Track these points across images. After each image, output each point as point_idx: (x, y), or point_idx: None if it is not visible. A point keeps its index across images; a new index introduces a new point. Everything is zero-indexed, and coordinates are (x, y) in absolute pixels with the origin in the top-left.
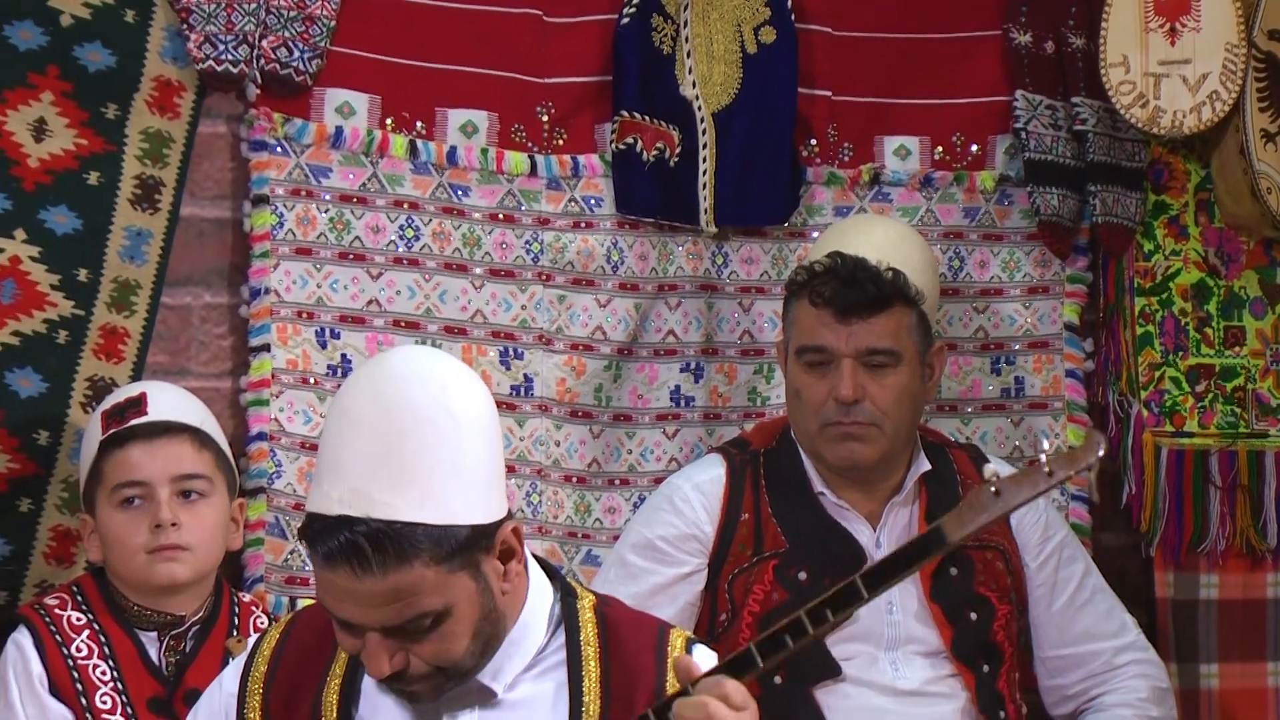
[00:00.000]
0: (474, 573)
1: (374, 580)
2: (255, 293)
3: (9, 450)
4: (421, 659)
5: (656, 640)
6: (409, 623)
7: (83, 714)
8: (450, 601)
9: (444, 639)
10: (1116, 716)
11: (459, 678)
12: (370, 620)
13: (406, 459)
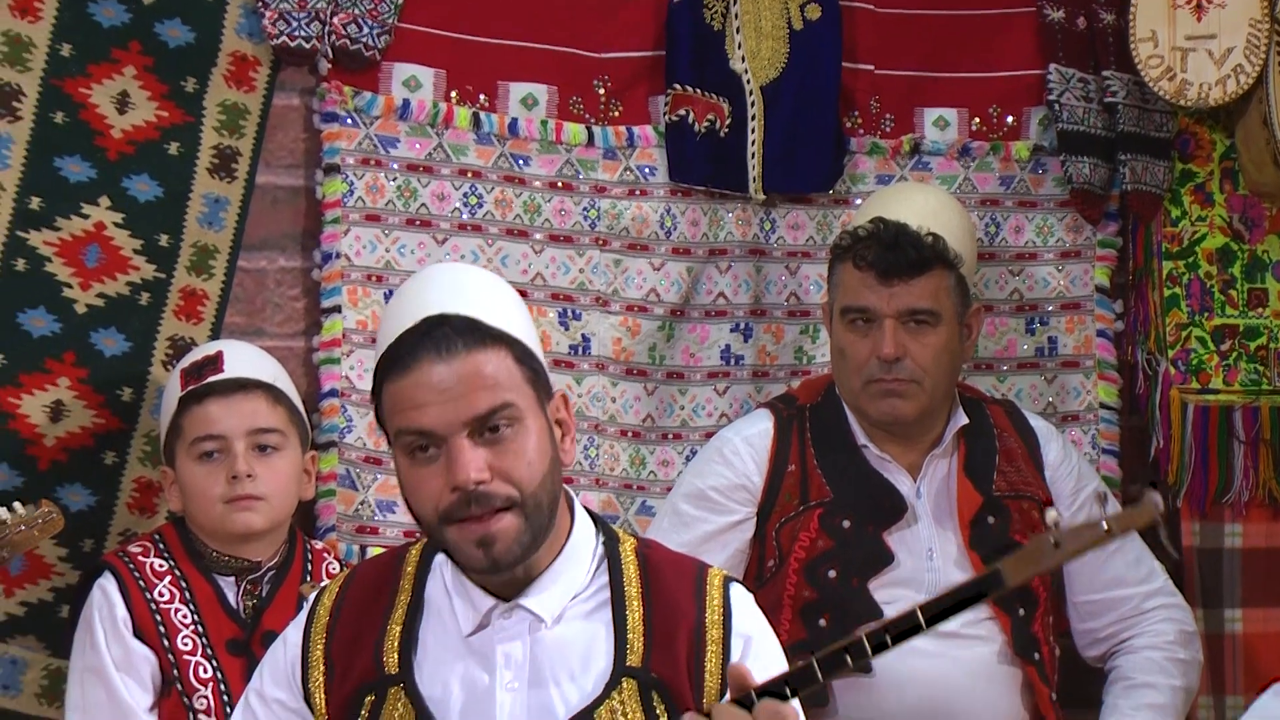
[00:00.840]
0: (542, 406)
1: (458, 361)
2: (327, 257)
3: (94, 406)
4: (502, 475)
5: (695, 579)
6: (490, 414)
7: (165, 655)
8: (526, 408)
9: (522, 454)
10: (1145, 658)
11: (530, 536)
12: (454, 416)
13: (482, 291)
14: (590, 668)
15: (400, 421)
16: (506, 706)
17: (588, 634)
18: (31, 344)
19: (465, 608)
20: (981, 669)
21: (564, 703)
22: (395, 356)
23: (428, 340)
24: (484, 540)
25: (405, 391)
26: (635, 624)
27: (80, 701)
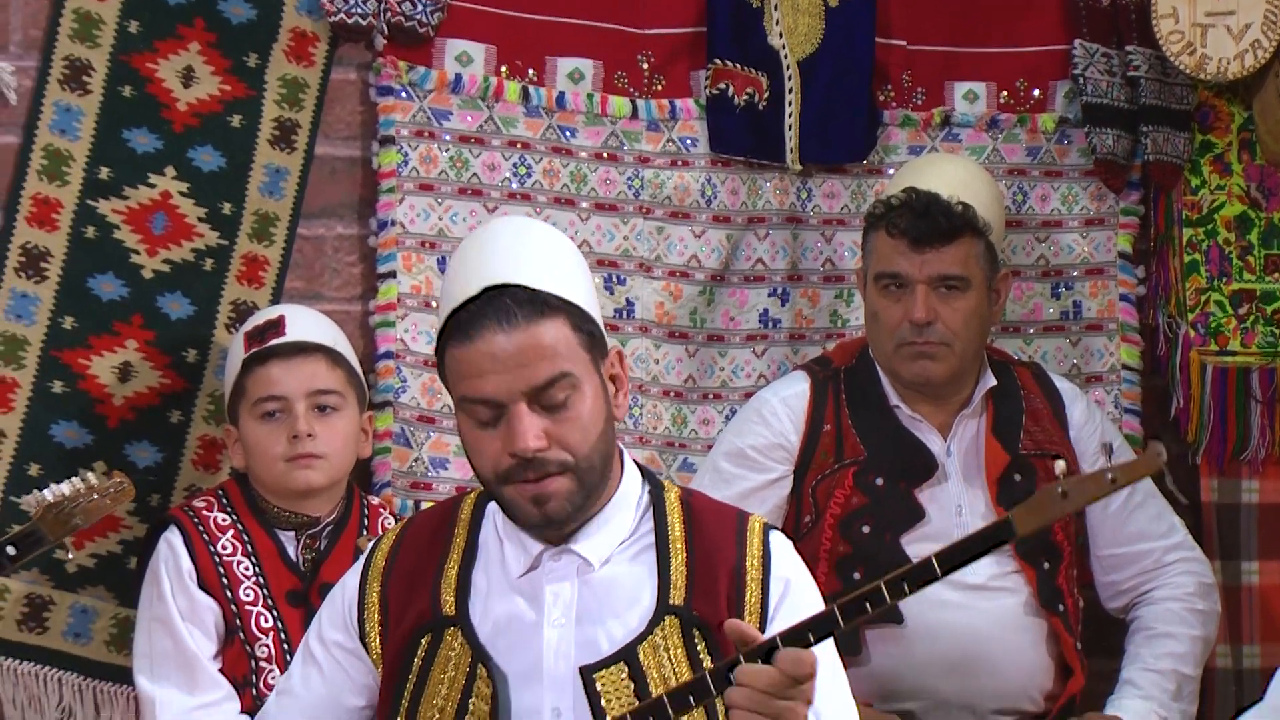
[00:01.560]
0: (598, 367)
1: (518, 333)
2: (383, 224)
3: (161, 367)
4: (558, 441)
5: (737, 525)
6: (549, 384)
7: (228, 606)
8: (582, 375)
9: (578, 421)
10: (1166, 609)
11: (583, 495)
12: (514, 384)
13: (542, 254)
14: (635, 606)
15: (463, 389)
16: (554, 642)
17: (633, 575)
18: (101, 308)
19: (516, 551)
20: (1009, 620)
21: (608, 639)
22: (458, 324)
23: (489, 310)
24: (538, 498)
25: (468, 360)
26: (678, 566)
27: (148, 649)
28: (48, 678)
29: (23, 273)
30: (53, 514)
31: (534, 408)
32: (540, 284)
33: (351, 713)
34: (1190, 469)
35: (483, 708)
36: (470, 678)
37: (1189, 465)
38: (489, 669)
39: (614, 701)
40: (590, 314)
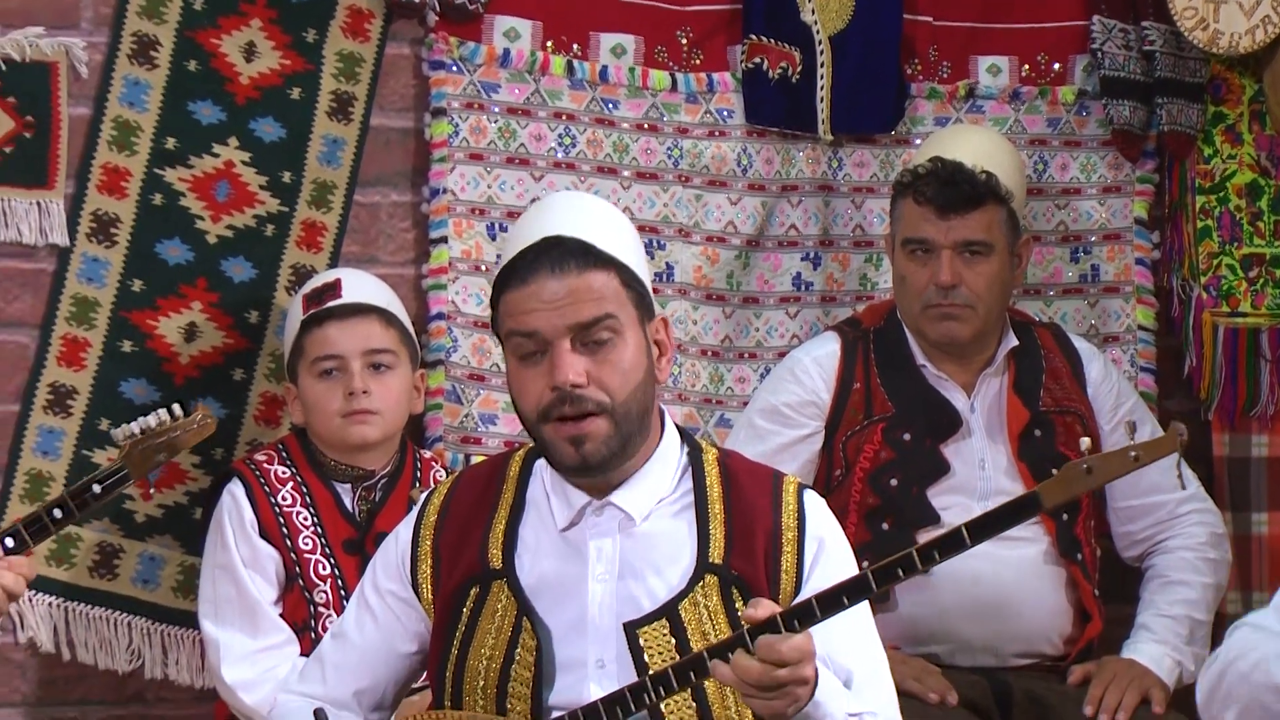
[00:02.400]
0: (643, 325)
1: (570, 277)
2: (435, 192)
3: (224, 328)
4: (598, 381)
5: (773, 486)
6: (593, 323)
7: (288, 554)
8: (626, 323)
9: (617, 365)
10: (1179, 558)
11: (619, 441)
12: (559, 321)
13: (598, 217)
14: (675, 564)
15: (512, 325)
16: (597, 596)
17: (673, 533)
18: (168, 271)
19: (560, 504)
20: (1030, 568)
21: (649, 595)
22: (514, 270)
23: (544, 258)
24: (576, 439)
25: (520, 301)
26: (717, 525)
27: (212, 595)
28: (118, 622)
29: (94, 238)
30: (138, 450)
31: (577, 347)
32: (594, 240)
33: (403, 658)
34: (1202, 425)
35: (528, 659)
36: (516, 630)
37: (1201, 421)
38: (534, 622)
39: (656, 656)
40: (640, 276)
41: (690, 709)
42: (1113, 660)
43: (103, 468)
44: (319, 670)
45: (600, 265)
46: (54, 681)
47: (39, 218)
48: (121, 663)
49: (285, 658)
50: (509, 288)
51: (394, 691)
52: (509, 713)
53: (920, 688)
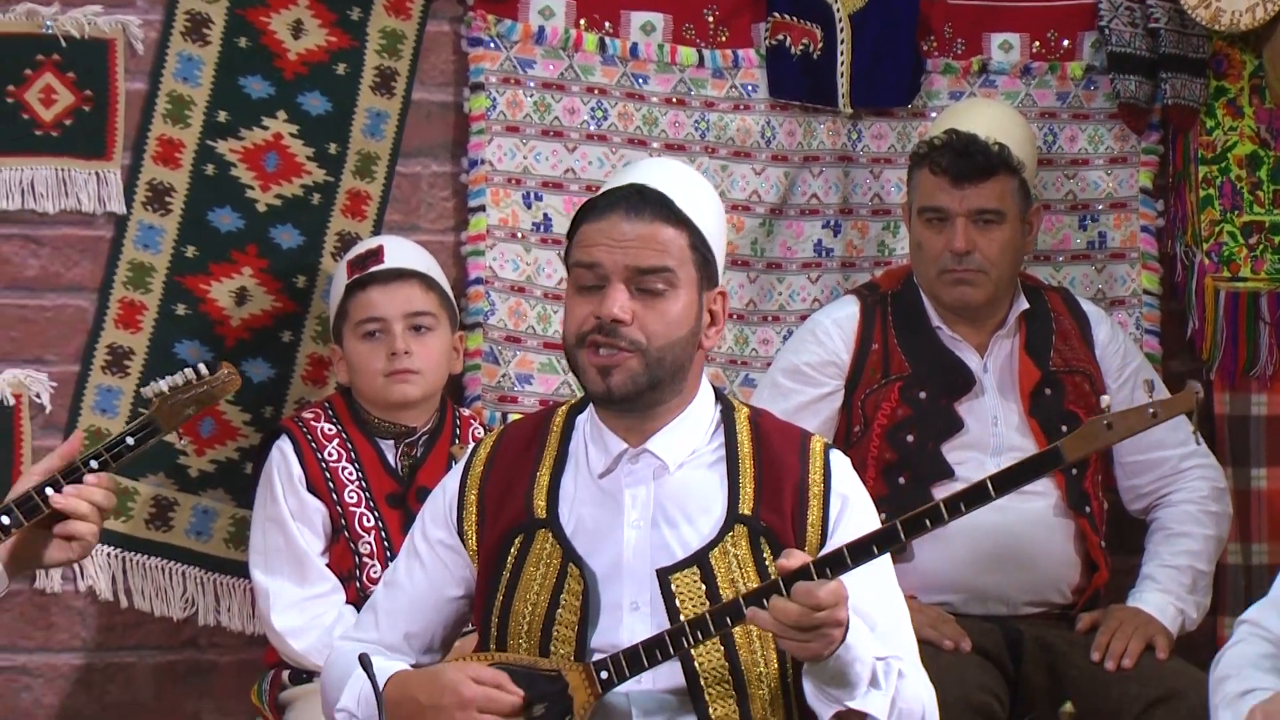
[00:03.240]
0: (700, 292)
1: (640, 223)
2: (473, 163)
3: (273, 292)
4: (640, 323)
5: (800, 444)
6: (651, 271)
7: (334, 507)
8: (684, 282)
9: (664, 315)
10: (1182, 511)
11: (647, 381)
12: (621, 260)
13: (688, 183)
14: (706, 513)
15: (579, 254)
16: (632, 541)
17: (705, 484)
18: (219, 238)
19: (598, 452)
20: (1040, 520)
21: (681, 543)
22: (594, 205)
23: (624, 201)
24: (604, 369)
25: (591, 234)
26: (747, 478)
27: (262, 546)
28: (172, 571)
29: (149, 206)
30: (167, 405)
31: (631, 290)
32: (676, 199)
33: (450, 603)
34: (1205, 384)
35: (574, 603)
36: (562, 575)
37: (1204, 381)
38: (580, 568)
39: (687, 602)
40: (710, 245)
41: (719, 652)
42: (1119, 608)
43: (135, 422)
44: (372, 617)
45: (673, 222)
46: (112, 628)
47: (97, 187)
48: (176, 610)
49: (332, 605)
50: (586, 220)
51: (443, 634)
52: (552, 655)
53: (935, 635)
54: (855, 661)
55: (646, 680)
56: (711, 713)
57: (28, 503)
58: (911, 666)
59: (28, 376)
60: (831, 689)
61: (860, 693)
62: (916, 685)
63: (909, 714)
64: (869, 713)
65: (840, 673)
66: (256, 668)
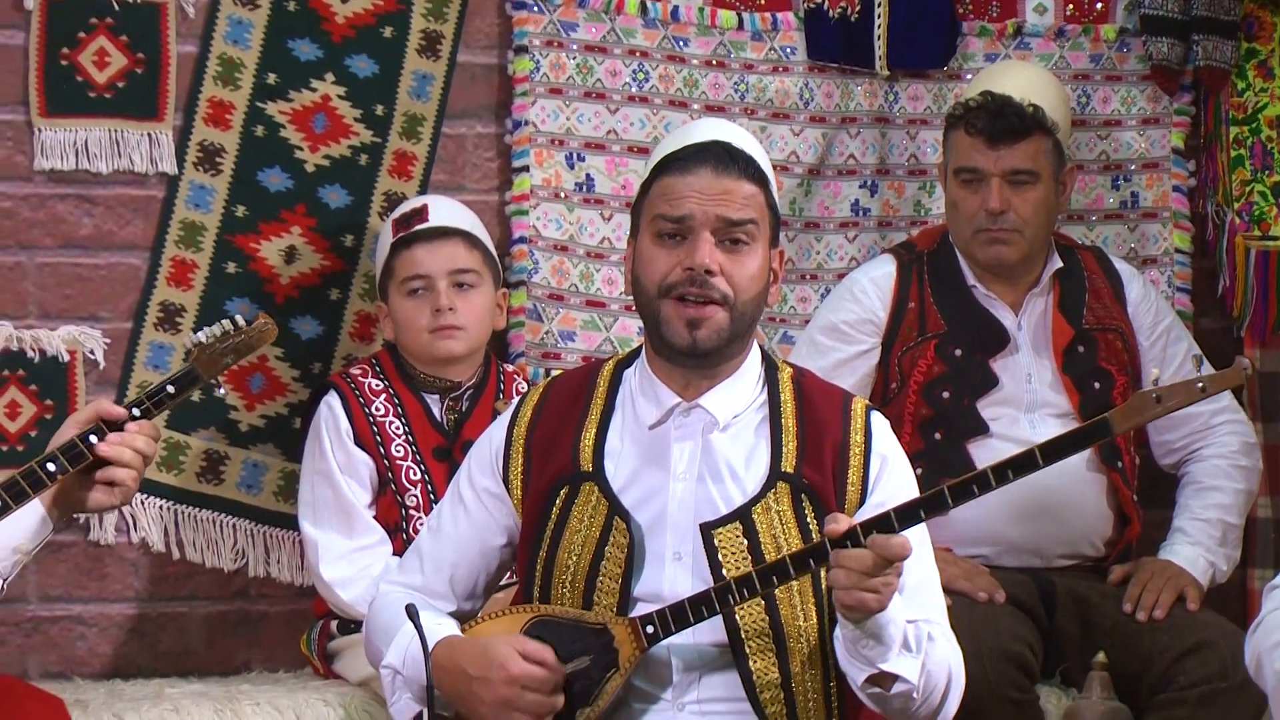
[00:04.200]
0: (767, 245)
1: (727, 179)
2: (517, 124)
3: (321, 250)
4: (728, 275)
5: (842, 404)
6: (740, 223)
7: (381, 461)
8: (761, 238)
9: (747, 268)
10: (1213, 465)
11: (730, 335)
12: (711, 210)
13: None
14: (750, 470)
15: (663, 207)
16: (678, 494)
17: (750, 442)
18: (269, 198)
19: (649, 404)
20: (1074, 474)
21: (724, 498)
22: (678, 158)
23: (710, 155)
24: (693, 321)
25: (677, 187)
26: (789, 437)
27: (311, 499)
28: (223, 524)
29: (200, 167)
30: (205, 354)
31: (717, 241)
32: (757, 158)
33: (494, 550)
34: (1235, 341)
35: (619, 555)
36: (607, 528)
37: (1234, 338)
38: (626, 521)
39: (730, 557)
40: (777, 206)
41: (760, 609)
42: (1150, 561)
43: (175, 371)
44: (417, 561)
45: (755, 179)
46: (164, 579)
47: (149, 148)
48: (227, 561)
49: (379, 557)
50: (668, 173)
51: (485, 582)
52: (596, 605)
53: (970, 586)
54: (890, 624)
55: (688, 634)
56: (752, 666)
57: (72, 450)
58: (940, 630)
59: (82, 333)
60: (866, 651)
61: (893, 655)
62: (944, 649)
63: (936, 677)
64: (900, 675)
65: (876, 635)
66: (305, 618)
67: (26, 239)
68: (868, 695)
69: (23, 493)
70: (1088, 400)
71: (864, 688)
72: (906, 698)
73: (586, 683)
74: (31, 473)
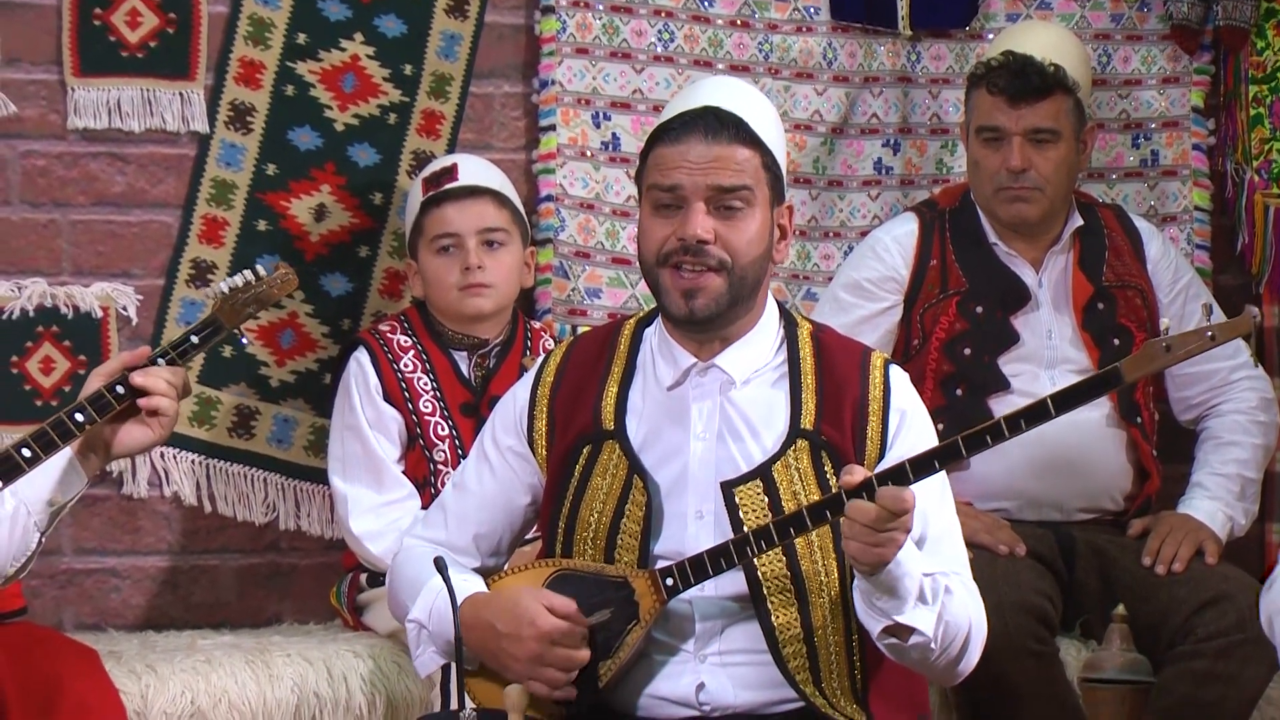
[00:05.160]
0: (772, 208)
1: (719, 145)
2: (544, 84)
3: (351, 208)
4: (723, 241)
5: (861, 360)
6: (731, 190)
7: (409, 416)
8: (759, 200)
9: (744, 232)
10: (1232, 421)
11: (729, 300)
12: (701, 180)
13: (754, 103)
14: (769, 428)
15: (656, 177)
16: (698, 453)
17: (769, 399)
18: (299, 156)
19: (667, 365)
20: (1094, 430)
21: (745, 456)
22: (670, 128)
23: (700, 123)
24: (689, 291)
25: (668, 156)
26: (809, 393)
27: (340, 453)
28: (254, 478)
29: (231, 126)
30: (228, 304)
31: (710, 209)
32: (749, 120)
33: (518, 508)
34: (1254, 298)
35: (638, 513)
36: (627, 486)
37: (1253, 295)
38: (644, 480)
39: (750, 513)
40: (779, 163)
41: (781, 561)
42: (1169, 515)
43: (198, 321)
44: (441, 517)
45: (748, 143)
46: (196, 532)
47: (181, 107)
48: (258, 515)
49: (407, 511)
50: (661, 143)
51: (509, 539)
52: (616, 562)
53: (991, 540)
54: (905, 576)
55: (709, 587)
56: (773, 619)
57: (100, 400)
58: (960, 582)
59: (115, 290)
60: (880, 603)
61: (908, 607)
62: (964, 601)
63: (955, 628)
64: (916, 627)
65: (891, 587)
66: (335, 571)
67: (60, 197)
68: (885, 646)
69: (51, 443)
70: (1107, 356)
71: (881, 638)
72: (924, 649)
73: (608, 635)
74: (60, 423)
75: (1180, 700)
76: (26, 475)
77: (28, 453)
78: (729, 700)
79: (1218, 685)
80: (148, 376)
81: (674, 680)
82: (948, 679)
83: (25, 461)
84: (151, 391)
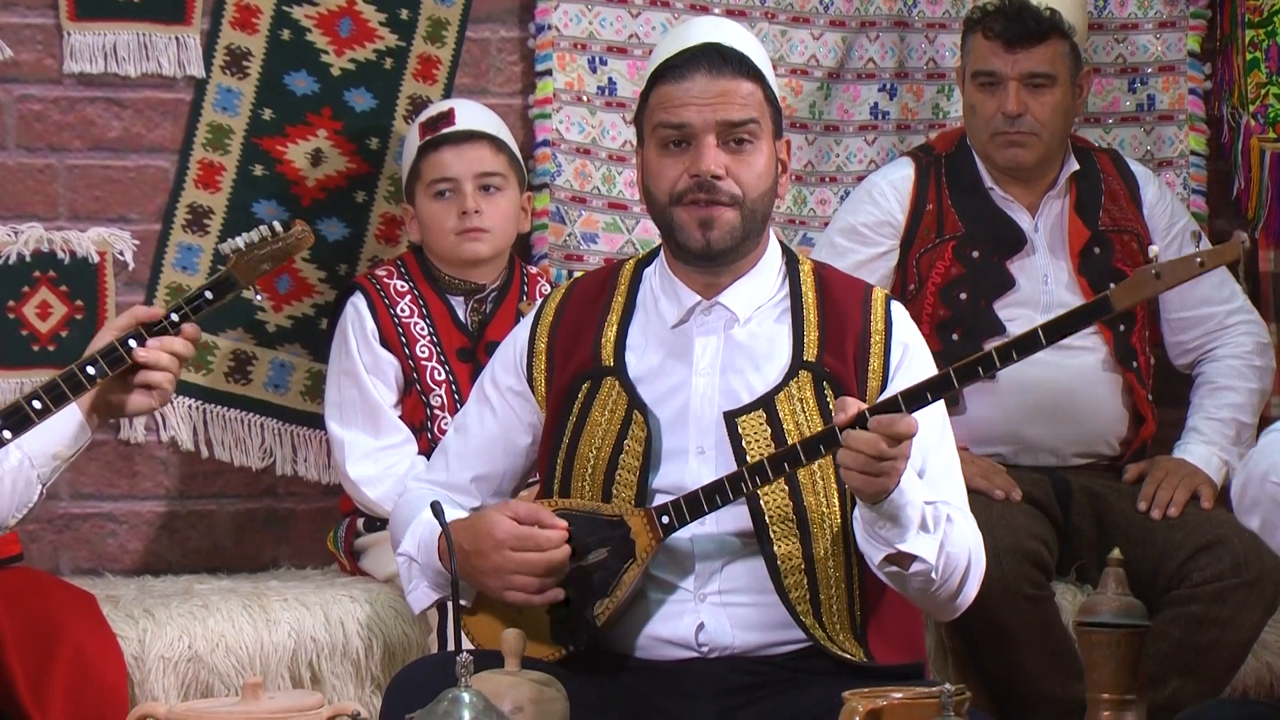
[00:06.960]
0: (771, 139)
1: (723, 80)
2: (540, 28)
3: (347, 154)
4: (735, 176)
5: (863, 295)
6: (740, 124)
7: (406, 361)
8: (764, 133)
9: (753, 166)
10: (1227, 365)
11: (742, 234)
12: (711, 116)
13: (749, 41)
14: (772, 361)
15: (663, 115)
16: (700, 388)
17: (771, 334)
18: (295, 101)
19: (671, 303)
20: (1089, 374)
21: (748, 389)
22: (673, 65)
23: (704, 59)
24: (705, 221)
25: (674, 94)
26: (811, 326)
27: (337, 398)
28: (251, 423)
29: (227, 70)
30: (244, 260)
31: (720, 144)
32: (749, 54)
33: (518, 448)
34: (1250, 243)
35: (637, 448)
36: (626, 422)
37: (1250, 239)
38: (644, 414)
39: (753, 444)
40: (776, 97)
41: (784, 493)
42: (1165, 459)
43: (213, 277)
44: (443, 460)
45: (752, 77)
46: (194, 476)
47: (177, 51)
48: (255, 460)
49: (404, 455)
50: (665, 81)
51: (510, 480)
52: (614, 498)
53: (987, 484)
54: (907, 505)
55: (710, 524)
56: (776, 551)
57: (112, 354)
58: (960, 513)
59: (111, 235)
60: (883, 531)
61: (910, 535)
62: (964, 531)
63: (956, 558)
64: (918, 555)
65: (893, 515)
66: (332, 516)
67: (56, 141)
68: (886, 575)
69: (62, 395)
70: None
71: (882, 566)
72: (925, 577)
73: (604, 574)
74: (71, 376)
75: (1175, 644)
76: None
77: (38, 405)
78: (727, 641)
79: (1213, 629)
80: (152, 351)
81: (673, 621)
82: (945, 613)
83: (36, 414)
84: (152, 366)
